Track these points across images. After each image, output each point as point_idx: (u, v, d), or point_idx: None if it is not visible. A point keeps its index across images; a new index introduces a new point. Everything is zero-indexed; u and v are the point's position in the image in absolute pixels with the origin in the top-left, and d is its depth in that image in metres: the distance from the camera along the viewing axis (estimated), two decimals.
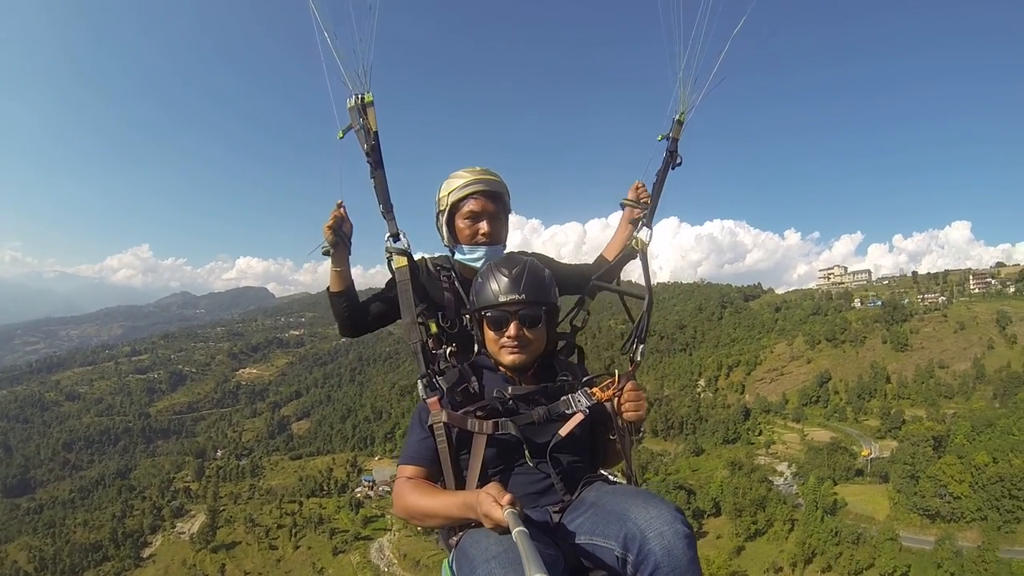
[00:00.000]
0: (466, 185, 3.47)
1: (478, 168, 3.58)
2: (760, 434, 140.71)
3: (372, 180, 3.57)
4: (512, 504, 2.22)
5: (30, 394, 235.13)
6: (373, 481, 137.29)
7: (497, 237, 3.59)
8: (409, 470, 2.87)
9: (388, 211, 3.55)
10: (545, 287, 3.02)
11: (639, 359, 3.43)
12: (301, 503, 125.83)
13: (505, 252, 3.62)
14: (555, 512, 2.79)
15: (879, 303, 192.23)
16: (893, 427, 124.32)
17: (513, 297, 2.89)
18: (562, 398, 2.95)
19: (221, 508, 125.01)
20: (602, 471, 3.12)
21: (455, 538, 2.71)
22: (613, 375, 3.04)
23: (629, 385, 2.95)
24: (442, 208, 3.55)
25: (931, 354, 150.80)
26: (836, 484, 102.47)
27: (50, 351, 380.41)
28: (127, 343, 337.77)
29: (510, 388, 2.92)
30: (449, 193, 3.50)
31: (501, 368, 3.03)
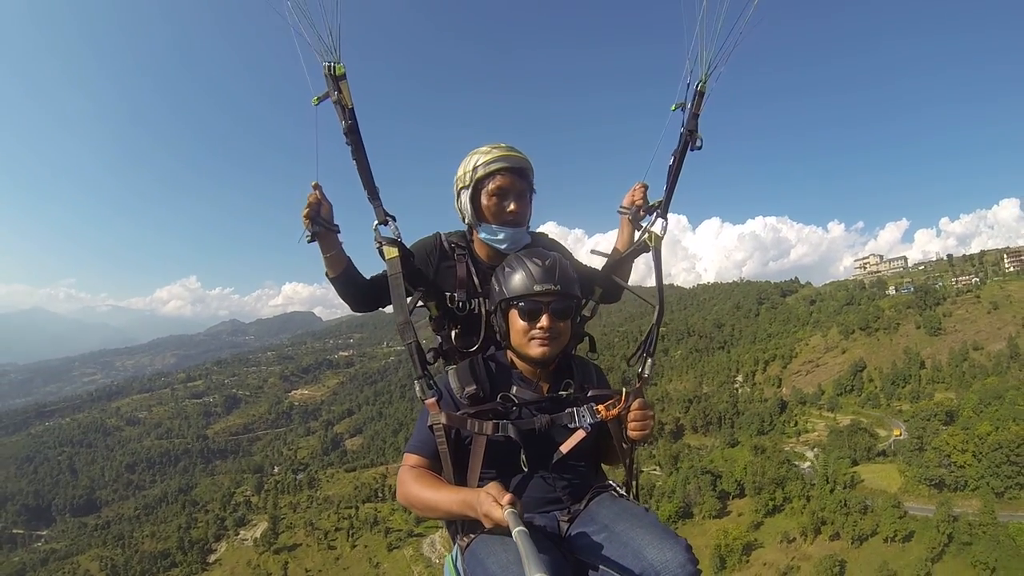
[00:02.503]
0: (493, 160, 3.29)
1: (503, 144, 3.39)
2: (796, 425, 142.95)
3: (354, 162, 3.25)
4: (512, 504, 2.22)
5: (92, 420, 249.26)
6: None
7: (523, 217, 3.46)
8: (413, 459, 2.92)
9: (373, 196, 3.32)
10: (575, 280, 3.05)
11: (647, 374, 3.33)
12: (357, 507, 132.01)
13: (526, 234, 3.57)
14: (564, 520, 2.88)
15: (912, 289, 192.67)
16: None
17: (548, 287, 2.88)
18: (566, 410, 2.97)
19: (281, 516, 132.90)
20: (610, 481, 3.21)
21: (465, 540, 2.77)
22: (620, 393, 3.05)
23: (636, 404, 2.98)
24: (466, 184, 3.37)
25: (964, 336, 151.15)
26: (857, 464, 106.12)
27: (107, 381, 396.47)
28: (181, 370, 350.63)
29: (514, 388, 3.00)
30: (474, 168, 3.32)
31: (517, 365, 3.07)
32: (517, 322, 2.93)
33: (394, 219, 3.31)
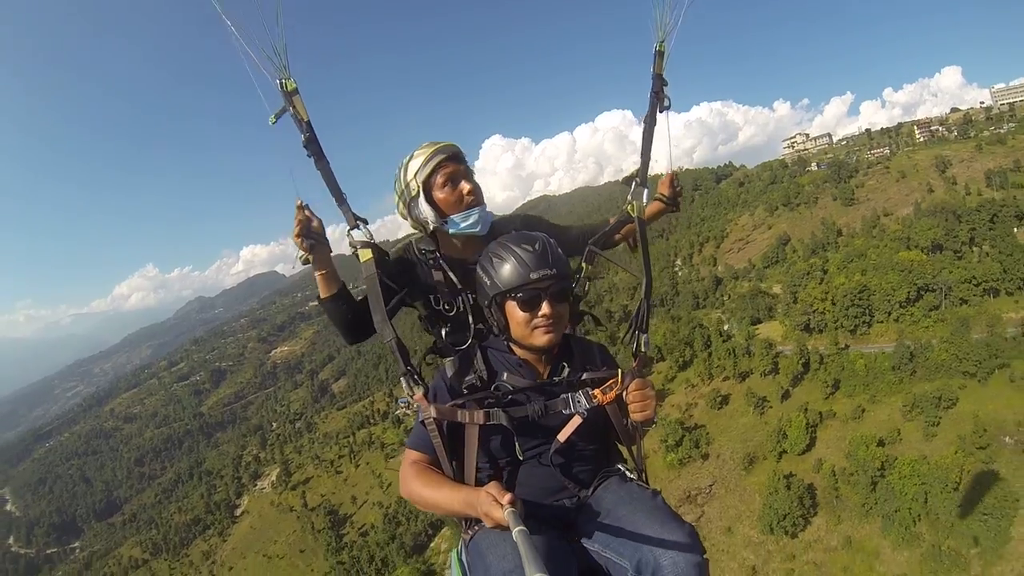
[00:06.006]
0: (430, 158, 3.43)
1: (426, 143, 3.54)
2: (728, 298, 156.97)
3: (318, 171, 3.29)
4: (512, 504, 2.23)
5: (90, 429, 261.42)
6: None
7: (481, 195, 3.59)
8: (413, 455, 3.00)
9: (341, 201, 3.36)
10: (566, 260, 3.06)
11: (644, 350, 3.34)
12: (353, 435, 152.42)
13: (490, 213, 3.67)
14: (571, 508, 2.97)
15: (827, 165, 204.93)
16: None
17: (545, 273, 2.86)
18: (561, 396, 2.98)
19: (289, 459, 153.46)
20: (619, 465, 3.26)
21: (469, 532, 2.86)
22: (616, 375, 3.05)
23: (634, 384, 2.97)
24: (415, 193, 3.49)
25: (876, 204, 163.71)
26: (760, 323, 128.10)
27: (91, 389, 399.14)
28: (161, 359, 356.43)
29: (505, 375, 3.01)
30: (416, 174, 3.45)
31: (516, 352, 3.09)
32: (517, 313, 2.92)
33: (365, 223, 3.42)
